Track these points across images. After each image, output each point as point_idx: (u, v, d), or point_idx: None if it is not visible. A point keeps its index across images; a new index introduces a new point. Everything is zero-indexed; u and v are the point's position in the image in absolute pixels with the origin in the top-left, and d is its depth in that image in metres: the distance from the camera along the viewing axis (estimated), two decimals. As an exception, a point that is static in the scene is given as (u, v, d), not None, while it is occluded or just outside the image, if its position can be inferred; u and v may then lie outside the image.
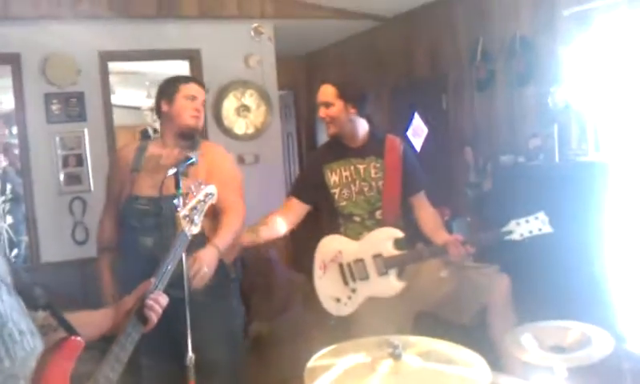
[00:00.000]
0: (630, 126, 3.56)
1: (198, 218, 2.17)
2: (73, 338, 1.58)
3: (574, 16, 3.87)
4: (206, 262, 2.61)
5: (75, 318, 1.69)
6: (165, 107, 2.90)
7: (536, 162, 4.00)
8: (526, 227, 2.81)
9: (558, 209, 2.89)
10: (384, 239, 3.07)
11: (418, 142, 5.69)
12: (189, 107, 2.87)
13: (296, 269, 5.54)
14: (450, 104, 5.35)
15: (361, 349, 1.87)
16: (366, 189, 3.15)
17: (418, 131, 5.68)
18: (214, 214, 2.83)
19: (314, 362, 1.82)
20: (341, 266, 3.11)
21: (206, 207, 2.24)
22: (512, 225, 2.84)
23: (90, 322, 1.90)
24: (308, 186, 3.28)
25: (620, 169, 3.36)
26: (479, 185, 4.73)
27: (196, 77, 3.04)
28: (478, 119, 5.00)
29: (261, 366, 3.33)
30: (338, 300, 3.11)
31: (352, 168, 3.17)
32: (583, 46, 3.82)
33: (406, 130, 5.74)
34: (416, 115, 5.72)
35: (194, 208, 2.17)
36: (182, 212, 2.13)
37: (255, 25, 4.13)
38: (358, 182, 3.15)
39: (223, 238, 2.75)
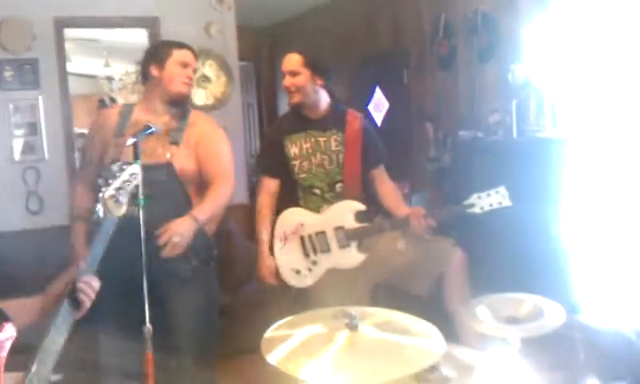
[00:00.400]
0: (586, 102, 3.61)
1: (124, 199, 2.07)
2: (4, 324, 1.53)
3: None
4: (177, 231, 2.59)
5: (7, 305, 1.64)
6: (154, 71, 2.79)
7: (495, 137, 4.04)
8: (486, 200, 2.85)
9: (515, 183, 2.94)
10: (345, 212, 3.08)
11: (379, 117, 5.70)
12: (182, 74, 2.79)
13: (254, 241, 5.53)
14: (412, 79, 5.37)
15: (318, 320, 1.88)
16: (326, 161, 3.14)
17: (379, 105, 5.69)
18: (200, 186, 2.83)
19: (270, 333, 1.82)
20: (302, 238, 3.11)
21: (131, 186, 2.14)
22: (473, 198, 2.88)
23: (21, 308, 1.84)
24: (272, 159, 3.25)
25: (576, 144, 3.42)
26: (439, 159, 4.77)
27: (186, 44, 2.87)
28: (439, 94, 5.03)
29: (221, 337, 3.31)
30: (298, 272, 3.11)
31: (312, 140, 3.15)
32: (543, 24, 3.86)
33: (368, 103, 5.75)
34: (377, 89, 5.72)
35: (119, 188, 2.06)
36: (107, 192, 2.03)
37: (216, -6, 4.05)
38: (318, 155, 3.14)
39: (203, 210, 2.73)
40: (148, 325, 2.23)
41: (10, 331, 1.54)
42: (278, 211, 3.21)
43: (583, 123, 3.57)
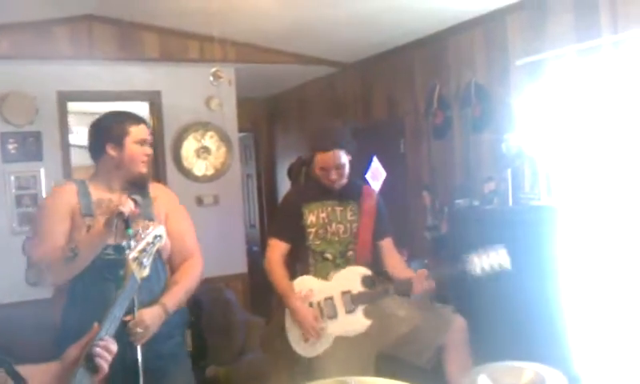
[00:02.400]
0: (580, 171, 3.68)
1: (147, 261, 2.09)
2: None
3: (527, 66, 4.03)
4: (147, 324, 2.49)
5: (23, 370, 1.64)
6: (111, 151, 2.61)
7: (490, 206, 4.09)
8: (486, 261, 2.89)
9: (511, 251, 2.97)
10: (353, 277, 3.17)
11: (376, 185, 5.76)
12: (141, 153, 2.65)
13: (253, 312, 5.51)
14: (408, 148, 5.45)
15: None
16: (341, 230, 3.28)
17: (376, 174, 5.76)
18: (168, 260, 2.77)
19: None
20: (311, 304, 3.15)
21: (155, 249, 2.18)
22: (473, 257, 2.92)
23: (37, 373, 1.83)
24: (288, 225, 3.34)
25: (571, 212, 3.47)
26: (436, 227, 4.81)
27: (141, 117, 2.75)
28: (435, 164, 5.11)
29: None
30: (307, 340, 3.13)
31: (329, 210, 3.29)
32: (535, 94, 3.97)
33: (365, 172, 5.82)
34: (375, 159, 5.81)
35: (142, 250, 2.09)
36: (131, 254, 2.05)
37: (214, 69, 4.16)
38: (334, 224, 3.27)
39: (175, 298, 2.65)
40: None
41: None
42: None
43: (577, 192, 3.63)
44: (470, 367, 2.77)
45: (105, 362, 1.77)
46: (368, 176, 5.83)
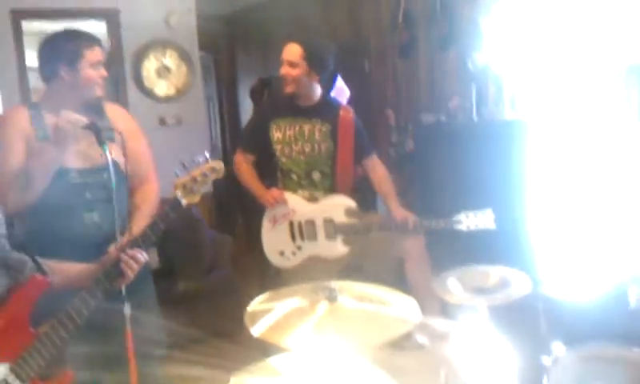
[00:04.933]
0: (542, 86, 3.74)
1: (199, 189, 2.17)
2: (38, 276, 1.65)
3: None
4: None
5: (51, 265, 1.73)
6: (65, 74, 2.46)
7: (455, 121, 4.15)
8: (473, 221, 3.03)
9: (476, 163, 3.05)
10: (337, 206, 3.24)
11: (340, 105, 5.75)
12: (97, 76, 2.50)
13: (219, 230, 5.55)
14: (373, 67, 5.44)
15: (297, 294, 1.92)
16: (307, 149, 3.27)
17: (340, 94, 5.74)
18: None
19: (253, 306, 1.86)
20: (291, 223, 3.24)
21: (208, 181, 2.21)
22: (462, 216, 3.05)
23: (59, 271, 1.96)
24: (253, 138, 3.40)
25: (534, 126, 3.54)
26: (401, 144, 4.86)
27: (95, 37, 2.52)
28: (400, 82, 5.11)
29: (190, 322, 3.35)
30: (282, 253, 3.24)
31: (297, 127, 3.28)
32: (501, 10, 3.97)
33: (329, 92, 5.80)
34: (339, 78, 5.77)
35: (194, 179, 2.16)
36: (181, 178, 2.14)
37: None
38: (300, 142, 3.27)
39: (140, 226, 2.48)
40: (127, 303, 2.19)
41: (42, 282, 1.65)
42: (242, 202, 3.32)
43: (540, 106, 3.70)
44: (430, 276, 2.89)
45: (129, 271, 1.88)
46: (332, 95, 5.81)
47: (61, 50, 2.47)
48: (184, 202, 2.14)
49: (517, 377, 2.14)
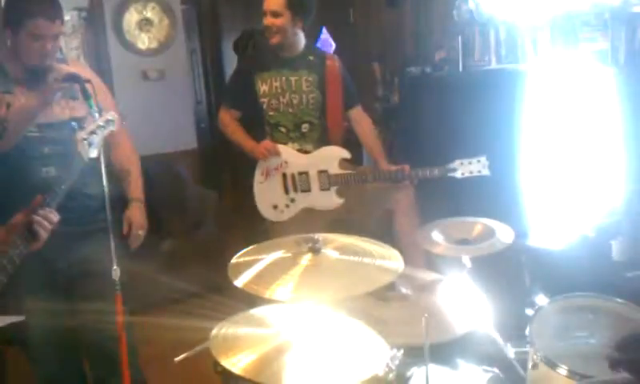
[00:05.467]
0: (529, 37, 3.70)
1: (97, 142, 2.13)
2: None
3: None
4: (140, 224, 2.66)
5: None
6: (8, 38, 2.39)
7: (441, 72, 4.11)
8: (468, 168, 3.03)
9: (463, 115, 3.03)
10: (331, 157, 3.21)
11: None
12: (36, 47, 2.36)
13: (204, 187, 5.52)
14: (357, 18, 5.36)
15: (281, 247, 1.92)
16: (295, 100, 3.23)
17: (326, 46, 5.67)
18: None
19: (237, 259, 1.86)
20: (284, 175, 3.21)
21: (106, 132, 2.19)
22: (456, 163, 3.04)
23: None
24: (238, 93, 3.32)
25: (520, 76, 3.52)
26: (387, 98, 4.83)
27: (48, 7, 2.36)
28: (385, 34, 5.05)
29: (176, 278, 3.35)
30: (276, 207, 3.22)
31: (283, 79, 3.23)
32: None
33: (315, 44, 5.72)
34: (324, 30, 5.70)
35: (92, 132, 2.12)
36: (81, 134, 2.10)
37: None
38: (287, 94, 3.22)
39: (140, 188, 2.73)
40: (115, 266, 2.21)
41: None
42: (228, 157, 3.28)
43: (526, 55, 3.67)
44: (419, 226, 2.89)
45: (43, 231, 1.85)
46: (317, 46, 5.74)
47: (7, 12, 2.40)
48: (86, 156, 2.10)
49: (500, 328, 2.17)
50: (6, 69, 2.45)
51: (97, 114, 2.19)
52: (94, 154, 2.11)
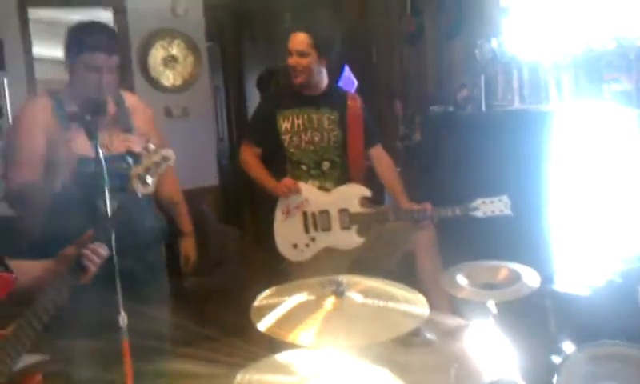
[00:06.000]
0: (552, 77, 3.69)
1: (151, 179, 2.15)
2: (3, 274, 1.62)
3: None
4: (194, 257, 3.02)
5: (17, 264, 1.70)
6: (69, 71, 2.53)
7: (464, 112, 4.11)
8: (490, 207, 3.02)
9: (487, 155, 3.01)
10: (352, 195, 3.20)
11: (348, 95, 5.71)
12: (93, 80, 2.47)
13: (226, 224, 5.53)
14: (380, 57, 5.39)
15: (304, 289, 1.90)
16: (316, 138, 3.24)
17: (348, 84, 5.70)
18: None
19: (259, 301, 1.84)
20: (305, 214, 3.18)
21: (161, 170, 2.20)
22: (478, 202, 3.03)
23: (25, 270, 1.89)
24: (260, 130, 3.33)
25: (543, 117, 3.50)
26: (409, 136, 4.83)
27: (104, 41, 2.50)
28: (408, 72, 5.07)
29: (197, 318, 3.33)
30: (296, 246, 3.19)
31: (305, 116, 3.25)
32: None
33: (337, 82, 5.76)
34: (346, 68, 5.73)
35: (148, 168, 2.15)
36: (137, 170, 2.13)
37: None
38: (309, 132, 3.24)
39: (188, 221, 3.02)
40: (122, 313, 2.18)
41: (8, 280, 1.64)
42: (250, 193, 3.29)
43: (549, 96, 3.65)
44: (441, 270, 2.85)
45: (92, 265, 1.85)
46: (340, 85, 5.77)
47: (69, 45, 2.50)
48: (140, 192, 2.14)
49: (526, 375, 2.12)
50: (62, 104, 2.53)
51: (153, 149, 2.20)
52: (148, 190, 2.15)
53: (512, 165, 3.39)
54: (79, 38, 2.49)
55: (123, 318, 2.18)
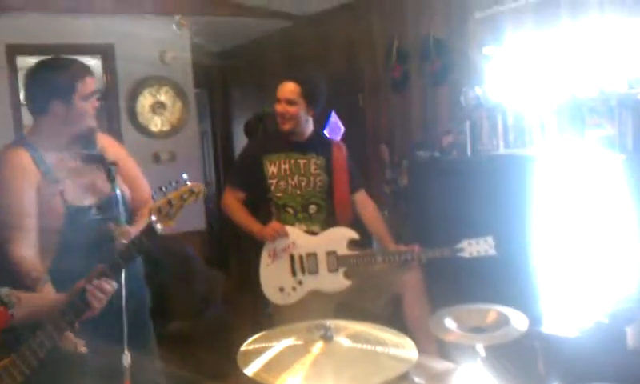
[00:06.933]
0: (536, 122, 3.74)
1: (173, 213, 2.00)
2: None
3: (486, 18, 4.05)
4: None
5: (25, 296, 1.72)
6: (58, 108, 2.37)
7: (450, 157, 4.15)
8: (475, 248, 3.05)
9: (472, 200, 3.03)
10: (340, 238, 3.21)
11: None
12: (89, 108, 2.43)
13: (213, 266, 5.51)
14: (366, 102, 5.45)
15: (292, 333, 1.90)
16: (303, 183, 3.27)
17: (334, 129, 5.76)
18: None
19: (246, 346, 1.83)
20: (292, 256, 3.18)
21: (185, 203, 2.03)
22: (464, 243, 3.06)
23: (27, 301, 1.91)
24: (244, 174, 3.36)
25: (528, 161, 3.54)
26: (395, 181, 4.85)
27: (84, 64, 2.47)
28: (394, 118, 5.13)
29: (183, 362, 3.28)
30: (282, 289, 3.18)
31: (292, 161, 3.28)
32: (494, 47, 4.00)
33: (324, 128, 5.81)
34: (333, 114, 5.79)
35: (170, 202, 1.98)
36: (157, 202, 1.99)
37: (178, 17, 4.09)
38: (296, 176, 3.26)
39: None
40: (126, 352, 2.12)
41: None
42: (236, 236, 3.29)
43: (534, 141, 3.71)
44: (429, 313, 2.85)
45: (96, 301, 1.83)
46: (326, 131, 5.82)
47: (52, 85, 2.36)
48: (159, 227, 1.98)
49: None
50: (40, 153, 2.38)
51: (181, 181, 2.06)
52: (170, 224, 2.01)
53: (498, 208, 3.41)
54: (68, 71, 2.39)
55: (127, 357, 2.10)
